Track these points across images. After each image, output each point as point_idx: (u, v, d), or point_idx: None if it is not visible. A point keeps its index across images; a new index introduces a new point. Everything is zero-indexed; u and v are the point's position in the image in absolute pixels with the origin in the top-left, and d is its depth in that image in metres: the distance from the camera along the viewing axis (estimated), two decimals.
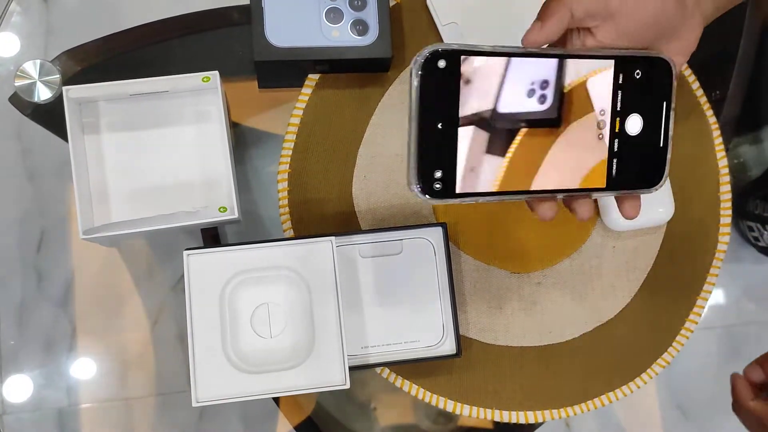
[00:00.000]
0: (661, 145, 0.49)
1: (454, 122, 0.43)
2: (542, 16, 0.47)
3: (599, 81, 0.47)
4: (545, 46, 0.48)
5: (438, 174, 0.43)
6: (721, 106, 0.75)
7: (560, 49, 0.47)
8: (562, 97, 0.46)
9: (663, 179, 0.50)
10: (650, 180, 0.50)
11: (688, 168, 0.70)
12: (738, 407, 0.56)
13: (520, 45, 0.47)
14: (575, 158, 0.47)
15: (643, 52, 0.48)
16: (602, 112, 0.47)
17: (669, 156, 0.49)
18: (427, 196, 0.43)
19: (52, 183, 0.71)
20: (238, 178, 0.65)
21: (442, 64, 0.42)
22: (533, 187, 0.47)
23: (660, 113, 0.49)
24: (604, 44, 0.48)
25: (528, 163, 0.46)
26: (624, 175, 0.49)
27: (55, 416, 0.69)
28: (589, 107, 0.47)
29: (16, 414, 0.68)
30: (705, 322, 0.71)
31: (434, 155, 0.43)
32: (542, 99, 0.46)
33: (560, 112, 0.46)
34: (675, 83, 0.49)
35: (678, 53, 0.50)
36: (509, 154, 0.45)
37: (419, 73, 0.42)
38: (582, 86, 0.47)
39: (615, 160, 0.48)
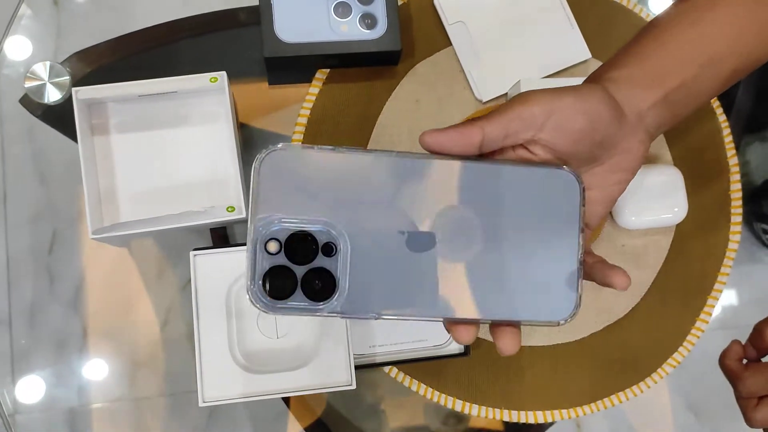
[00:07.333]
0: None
1: None
2: (453, 127, 0.42)
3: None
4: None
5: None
6: (732, 104, 0.74)
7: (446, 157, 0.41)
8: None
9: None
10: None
11: (698, 166, 0.69)
12: (720, 361, 0.56)
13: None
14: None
15: (545, 165, 0.42)
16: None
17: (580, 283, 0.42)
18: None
19: (62, 184, 0.71)
20: (246, 178, 0.65)
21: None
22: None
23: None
24: (538, 158, 0.44)
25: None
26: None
27: (66, 416, 0.69)
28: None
29: (27, 414, 0.69)
30: (719, 323, 0.71)
31: None
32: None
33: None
34: (582, 201, 0.42)
35: (621, 170, 0.47)
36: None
37: None
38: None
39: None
